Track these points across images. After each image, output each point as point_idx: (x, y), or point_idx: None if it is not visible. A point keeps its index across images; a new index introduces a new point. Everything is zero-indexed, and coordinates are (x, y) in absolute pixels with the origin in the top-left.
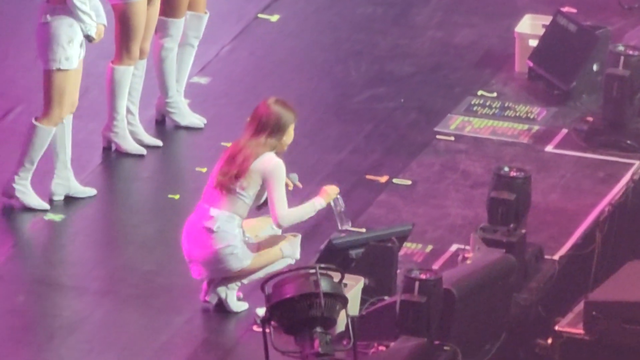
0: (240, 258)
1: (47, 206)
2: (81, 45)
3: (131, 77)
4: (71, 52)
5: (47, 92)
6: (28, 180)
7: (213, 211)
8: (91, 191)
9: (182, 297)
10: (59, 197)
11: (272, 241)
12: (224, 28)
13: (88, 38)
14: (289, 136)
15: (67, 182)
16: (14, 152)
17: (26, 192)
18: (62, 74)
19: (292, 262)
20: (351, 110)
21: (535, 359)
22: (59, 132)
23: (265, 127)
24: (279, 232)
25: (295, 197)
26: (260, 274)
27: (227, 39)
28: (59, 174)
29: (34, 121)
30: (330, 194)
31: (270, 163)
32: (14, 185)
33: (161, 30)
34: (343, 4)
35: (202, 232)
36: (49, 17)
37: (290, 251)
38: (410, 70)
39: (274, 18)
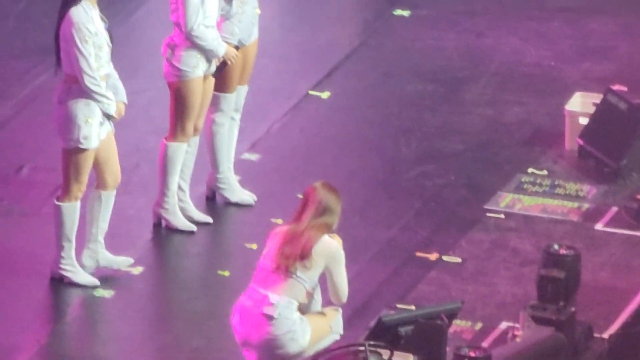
0: (300, 342)
1: (97, 282)
2: (102, 123)
3: (184, 153)
4: (89, 131)
5: (66, 170)
6: (72, 258)
7: (272, 297)
8: (126, 260)
9: None
10: (89, 269)
11: (318, 317)
12: (274, 104)
13: (108, 117)
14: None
15: (96, 254)
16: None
17: (74, 270)
18: (81, 153)
19: (338, 337)
20: (401, 187)
21: None
22: (94, 205)
23: (321, 210)
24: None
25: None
26: (310, 351)
27: (278, 116)
28: (89, 245)
29: (55, 202)
30: None
31: (331, 247)
32: (61, 266)
33: (213, 105)
34: (393, 81)
35: (261, 319)
36: (65, 97)
37: (338, 327)
38: (460, 148)
39: (325, 95)
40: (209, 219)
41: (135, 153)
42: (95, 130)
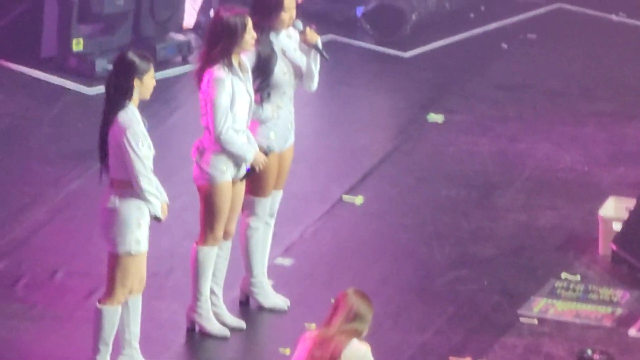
0: None
1: None
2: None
3: (215, 257)
4: (140, 235)
5: (113, 274)
6: None
7: None
8: None
9: None
10: None
11: None
12: (308, 209)
13: (156, 219)
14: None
15: (131, 359)
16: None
17: None
18: (131, 258)
19: None
20: (434, 292)
21: None
22: (123, 312)
23: (352, 317)
24: None
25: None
26: None
27: (311, 220)
28: (124, 352)
29: (98, 305)
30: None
31: (360, 351)
32: None
33: (247, 208)
34: (427, 186)
35: None
36: (117, 202)
37: None
38: (493, 253)
39: (359, 200)
40: (243, 324)
41: (169, 258)
42: (145, 234)
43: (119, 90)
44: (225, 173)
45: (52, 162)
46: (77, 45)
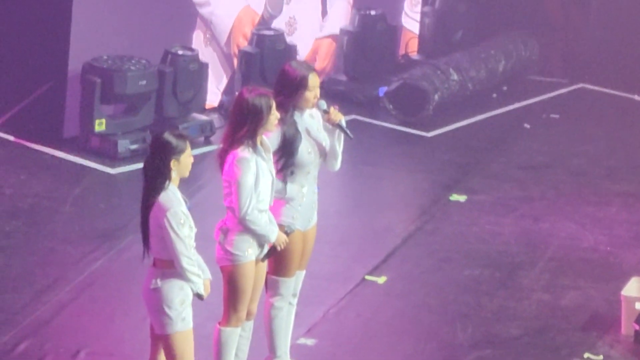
0: None
1: None
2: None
3: (238, 338)
4: (185, 313)
5: (172, 356)
6: None
7: None
8: None
9: None
10: None
11: None
12: (330, 289)
13: (198, 296)
14: None
15: None
16: None
17: None
18: (181, 336)
19: None
20: None
21: None
22: None
23: None
24: None
25: None
26: None
27: (334, 300)
28: None
29: None
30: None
31: None
32: None
33: (272, 289)
34: (450, 266)
35: None
36: (159, 282)
37: None
38: (517, 333)
39: (381, 280)
40: None
41: (193, 339)
42: (189, 312)
43: (157, 173)
44: (249, 253)
45: (75, 242)
46: (100, 125)
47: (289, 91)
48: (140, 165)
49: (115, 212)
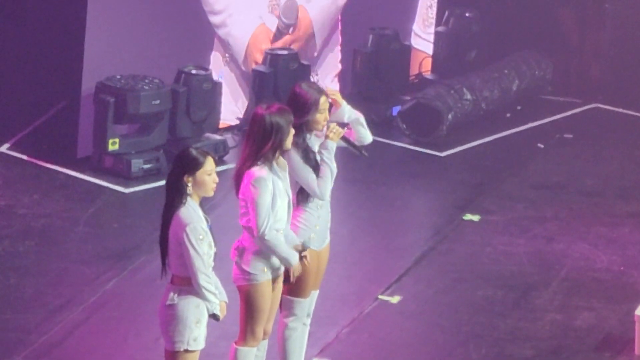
0: None
1: None
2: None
3: (254, 358)
4: (198, 333)
5: None
6: None
7: None
8: None
9: None
10: None
11: None
12: (344, 309)
13: (214, 317)
14: None
15: None
16: None
17: None
18: (188, 355)
19: None
20: None
21: None
22: None
23: None
24: None
25: None
26: None
27: (347, 321)
28: None
29: None
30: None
31: None
32: None
33: (286, 309)
34: (463, 286)
35: None
36: (175, 298)
37: None
38: (531, 354)
39: (395, 299)
40: None
41: (205, 358)
42: (203, 332)
43: (173, 187)
44: (266, 272)
45: (88, 262)
46: (113, 145)
47: (300, 113)
48: (154, 185)
49: (129, 232)
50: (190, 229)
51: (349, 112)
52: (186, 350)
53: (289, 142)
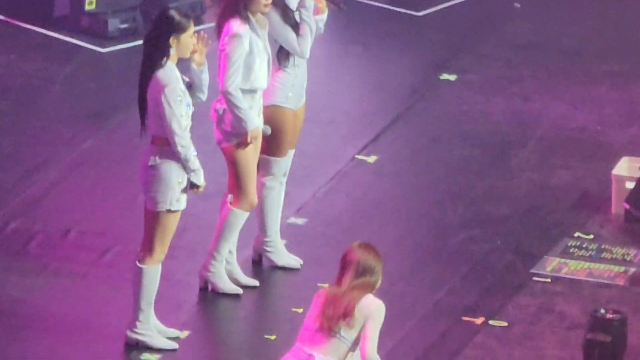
0: None
1: (175, 345)
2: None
3: (244, 222)
4: (180, 194)
5: (152, 233)
6: (150, 322)
7: (318, 356)
8: (174, 332)
9: None
10: None
11: None
12: (321, 169)
13: (192, 186)
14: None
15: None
16: (113, 290)
17: (151, 334)
18: (171, 215)
19: None
20: (447, 252)
21: None
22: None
23: (361, 271)
24: None
25: None
26: None
27: (324, 180)
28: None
29: (137, 264)
30: None
31: (374, 303)
32: (137, 330)
33: (263, 168)
34: (440, 145)
35: None
36: (157, 160)
37: None
38: (507, 212)
39: (371, 159)
40: (256, 283)
41: (183, 218)
42: (185, 192)
43: (156, 48)
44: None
45: (65, 121)
46: (90, 4)
47: None
48: (130, 44)
49: (105, 91)
50: (169, 90)
51: None
52: (168, 211)
53: (265, 5)
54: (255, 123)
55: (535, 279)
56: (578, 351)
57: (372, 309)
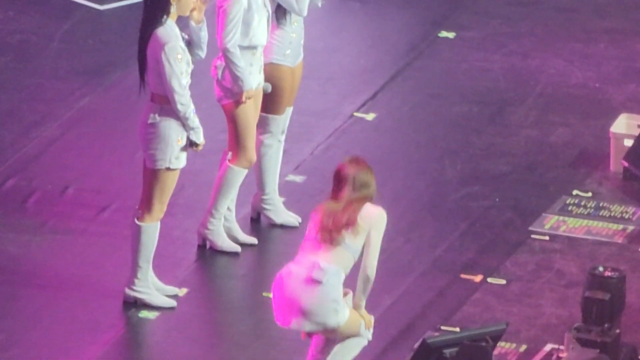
0: (339, 317)
1: (173, 303)
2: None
3: (242, 179)
4: (180, 152)
5: (151, 190)
6: (148, 280)
7: (323, 263)
8: (173, 290)
9: None
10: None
11: (353, 311)
12: (319, 126)
13: (192, 144)
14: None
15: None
16: (111, 247)
17: (150, 292)
18: (170, 173)
19: (366, 342)
20: (446, 209)
21: None
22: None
23: (358, 186)
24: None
25: None
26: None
27: (323, 137)
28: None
29: (136, 222)
30: None
31: (376, 211)
32: (136, 288)
33: (261, 126)
34: (439, 102)
35: (309, 283)
36: (157, 117)
37: (367, 333)
38: (505, 169)
39: (370, 116)
40: (254, 240)
41: (181, 175)
42: (184, 150)
43: (156, 5)
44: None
45: (63, 78)
46: None
47: None
48: (129, 2)
49: (104, 48)
50: (169, 48)
51: None
52: (167, 169)
53: None
54: (251, 83)
55: (533, 236)
56: (576, 309)
57: (375, 218)
